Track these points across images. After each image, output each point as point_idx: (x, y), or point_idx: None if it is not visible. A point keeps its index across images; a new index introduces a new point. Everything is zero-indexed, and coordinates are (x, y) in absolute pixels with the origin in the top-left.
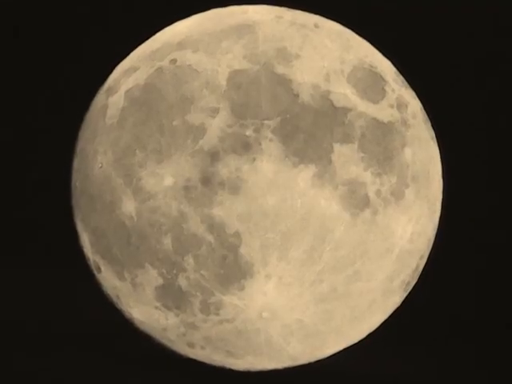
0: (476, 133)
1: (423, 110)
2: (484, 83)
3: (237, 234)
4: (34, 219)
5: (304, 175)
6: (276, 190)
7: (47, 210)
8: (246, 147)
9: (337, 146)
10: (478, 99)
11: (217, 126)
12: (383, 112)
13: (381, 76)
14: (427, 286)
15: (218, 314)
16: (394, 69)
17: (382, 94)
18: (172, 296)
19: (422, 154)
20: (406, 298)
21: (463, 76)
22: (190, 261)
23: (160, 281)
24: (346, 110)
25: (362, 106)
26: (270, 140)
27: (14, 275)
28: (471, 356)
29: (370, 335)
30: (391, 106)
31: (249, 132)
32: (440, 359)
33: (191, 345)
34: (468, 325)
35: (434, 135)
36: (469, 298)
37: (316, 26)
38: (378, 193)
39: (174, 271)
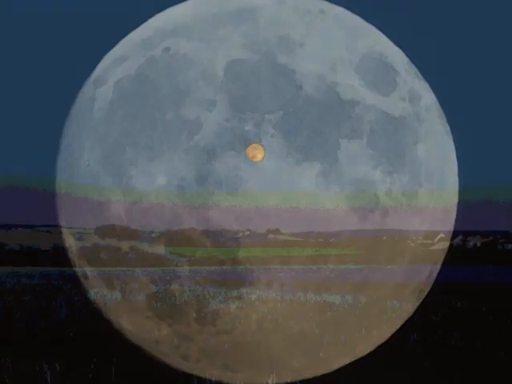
0: (494, 129)
1: (438, 104)
2: (505, 76)
3: (235, 238)
4: None
5: (308, 174)
6: (278, 190)
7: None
8: (245, 143)
9: (344, 143)
10: (498, 93)
11: (213, 120)
12: (394, 105)
13: (392, 66)
14: (441, 294)
15: (214, 325)
16: (406, 58)
17: (392, 85)
18: (165, 305)
19: (436, 150)
20: (419, 307)
21: (481, 68)
22: (184, 267)
23: (152, 288)
24: (353, 103)
25: (372, 98)
26: (272, 136)
27: None
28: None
29: (379, 347)
30: (403, 99)
31: (248, 127)
32: (453, 372)
33: (186, 358)
34: (484, 335)
35: (449, 131)
36: (485, 307)
37: (322, 11)
38: (389, 193)
39: (168, 278)
